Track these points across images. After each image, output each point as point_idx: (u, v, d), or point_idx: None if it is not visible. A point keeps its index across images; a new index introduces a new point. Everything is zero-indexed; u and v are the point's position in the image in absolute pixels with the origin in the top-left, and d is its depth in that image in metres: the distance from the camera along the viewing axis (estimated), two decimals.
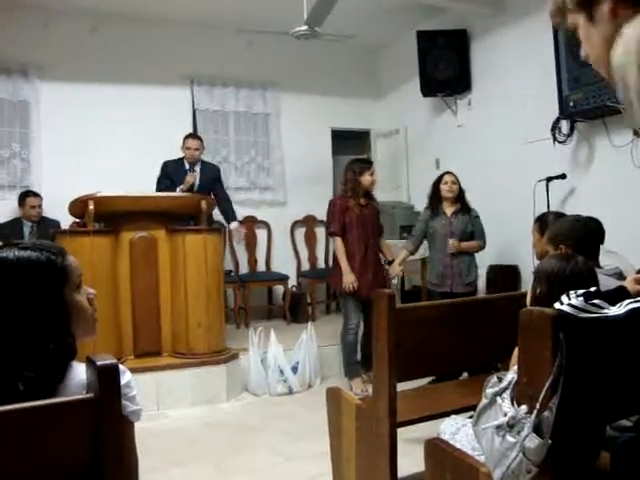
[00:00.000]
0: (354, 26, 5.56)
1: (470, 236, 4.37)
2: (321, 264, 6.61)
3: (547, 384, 1.30)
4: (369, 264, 4.35)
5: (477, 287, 4.54)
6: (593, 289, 1.42)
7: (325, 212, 6.25)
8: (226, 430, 3.68)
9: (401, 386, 2.23)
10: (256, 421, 3.85)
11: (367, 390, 4.05)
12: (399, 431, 2.21)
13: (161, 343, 4.23)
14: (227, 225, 5.39)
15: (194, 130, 6.14)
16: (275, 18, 5.20)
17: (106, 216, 4.21)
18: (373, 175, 4.39)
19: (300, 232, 6.63)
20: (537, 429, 1.31)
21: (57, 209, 4.98)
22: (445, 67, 5.60)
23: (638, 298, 1.42)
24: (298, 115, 6.59)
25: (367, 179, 4.36)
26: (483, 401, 1.55)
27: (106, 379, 1.07)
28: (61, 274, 1.23)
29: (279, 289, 6.31)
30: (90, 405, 1.07)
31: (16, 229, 5.15)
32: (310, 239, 6.63)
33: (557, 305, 1.38)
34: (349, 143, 7.24)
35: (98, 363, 1.07)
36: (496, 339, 2.23)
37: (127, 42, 5.82)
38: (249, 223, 6.30)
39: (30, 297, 1.17)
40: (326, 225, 6.17)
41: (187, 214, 4.53)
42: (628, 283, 1.82)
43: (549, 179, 4.44)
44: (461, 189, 4.41)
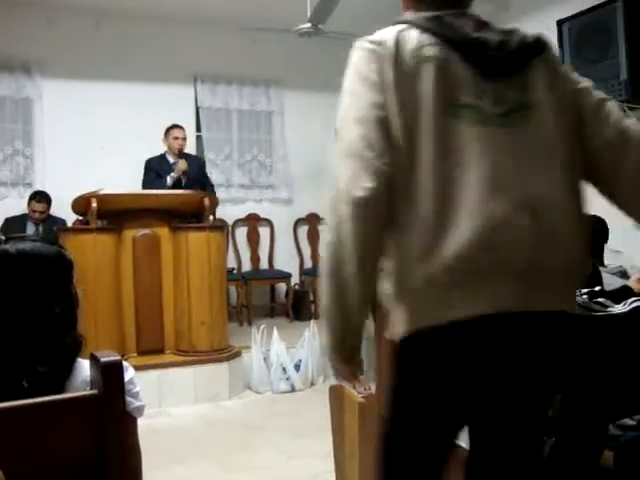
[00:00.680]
0: (358, 24, 5.52)
1: None
2: None
3: None
4: None
5: None
6: (597, 288, 1.42)
7: None
8: (228, 428, 3.68)
9: None
10: (259, 419, 3.85)
11: (370, 388, 4.04)
12: None
13: (164, 340, 4.23)
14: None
15: (197, 128, 6.13)
16: (278, 16, 5.19)
17: (109, 214, 4.20)
18: None
19: (303, 230, 6.62)
20: None
21: (60, 206, 4.99)
22: None
23: None
24: (301, 113, 6.56)
25: None
26: None
27: (110, 376, 1.07)
28: (71, 267, 1.24)
29: (282, 287, 6.30)
30: (94, 402, 1.07)
31: (19, 226, 5.09)
32: (313, 237, 6.61)
33: None
34: None
35: (102, 360, 1.07)
36: None
37: (130, 39, 5.81)
38: (252, 221, 6.30)
39: (47, 289, 1.17)
40: None
41: (190, 212, 4.53)
42: (632, 282, 1.82)
43: None
44: None
